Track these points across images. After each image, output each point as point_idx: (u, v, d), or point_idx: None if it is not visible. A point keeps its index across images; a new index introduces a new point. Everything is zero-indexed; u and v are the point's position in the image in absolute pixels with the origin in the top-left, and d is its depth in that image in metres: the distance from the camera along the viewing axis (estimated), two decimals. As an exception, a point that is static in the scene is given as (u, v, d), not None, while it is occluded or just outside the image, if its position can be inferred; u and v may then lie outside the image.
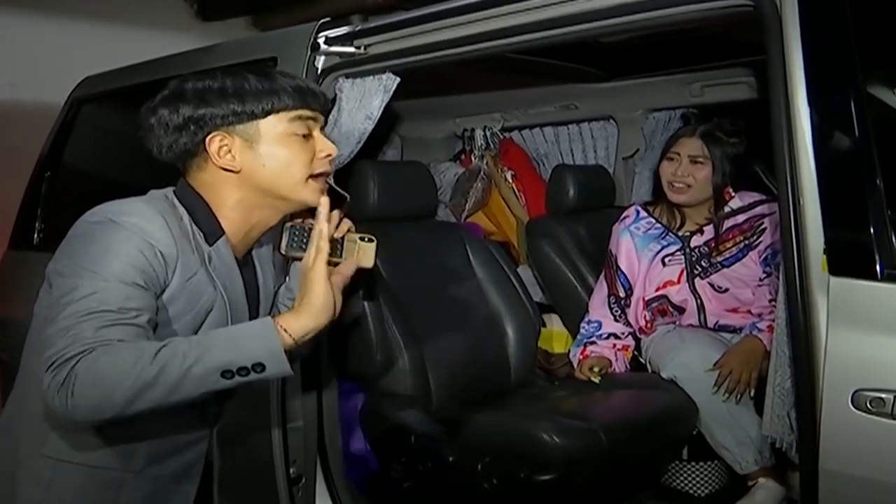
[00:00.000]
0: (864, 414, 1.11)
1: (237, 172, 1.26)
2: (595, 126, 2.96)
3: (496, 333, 2.36)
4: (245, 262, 1.35)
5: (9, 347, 2.40)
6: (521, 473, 1.85)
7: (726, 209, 2.29)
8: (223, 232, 1.28)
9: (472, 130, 3.12)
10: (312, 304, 1.17)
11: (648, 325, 2.34)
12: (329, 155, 1.31)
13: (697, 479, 2.20)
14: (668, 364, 2.16)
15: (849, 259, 1.13)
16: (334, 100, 1.82)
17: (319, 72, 1.80)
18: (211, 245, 1.27)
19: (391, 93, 1.79)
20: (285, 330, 1.14)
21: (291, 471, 1.86)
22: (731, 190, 2.29)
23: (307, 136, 1.29)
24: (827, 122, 1.17)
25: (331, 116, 1.84)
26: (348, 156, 1.87)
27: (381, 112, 1.81)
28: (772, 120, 1.19)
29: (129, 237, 1.15)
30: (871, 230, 1.11)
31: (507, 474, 1.86)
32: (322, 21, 1.80)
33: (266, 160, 1.26)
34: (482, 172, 2.96)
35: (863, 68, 1.14)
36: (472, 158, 3.08)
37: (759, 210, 2.28)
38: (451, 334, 2.25)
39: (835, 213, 1.14)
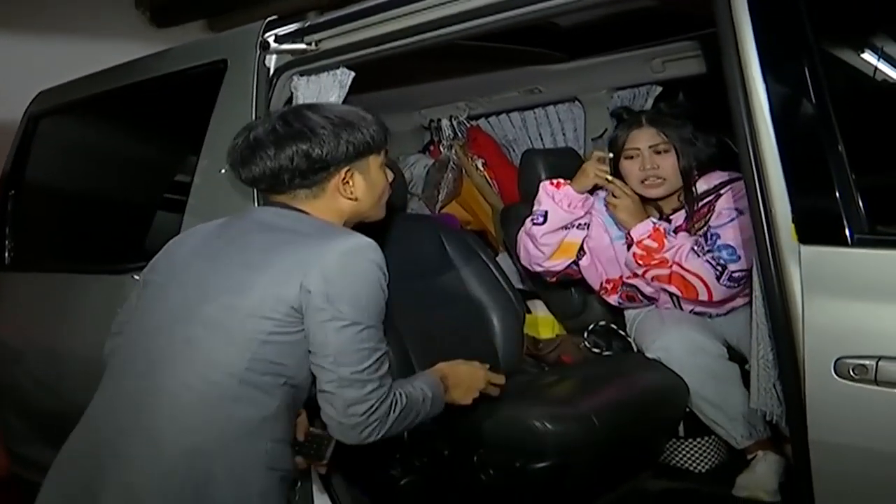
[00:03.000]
0: (847, 382, 1.10)
1: (355, 200, 1.47)
2: (561, 108, 2.93)
3: (480, 323, 2.32)
4: None
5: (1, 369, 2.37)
6: (517, 463, 1.83)
7: (700, 186, 2.22)
8: None
9: (439, 121, 3.09)
10: None
11: (618, 301, 2.31)
12: (395, 179, 1.61)
13: (696, 455, 2.20)
14: (650, 346, 2.16)
15: (818, 226, 1.11)
16: (290, 99, 1.77)
17: (272, 71, 1.75)
18: None
19: (347, 88, 1.76)
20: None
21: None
22: (696, 172, 2.19)
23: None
24: (783, 91, 1.16)
25: None
26: None
27: None
28: (728, 94, 1.16)
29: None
30: (838, 196, 1.09)
31: (503, 464, 1.85)
32: (269, 19, 1.76)
33: (374, 189, 1.51)
34: (451, 162, 2.93)
35: (816, 32, 1.11)
36: (441, 149, 3.04)
37: (725, 192, 2.18)
38: (433, 327, 2.21)
39: (799, 182, 1.13)
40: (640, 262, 2.12)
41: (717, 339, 2.13)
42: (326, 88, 1.74)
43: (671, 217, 2.22)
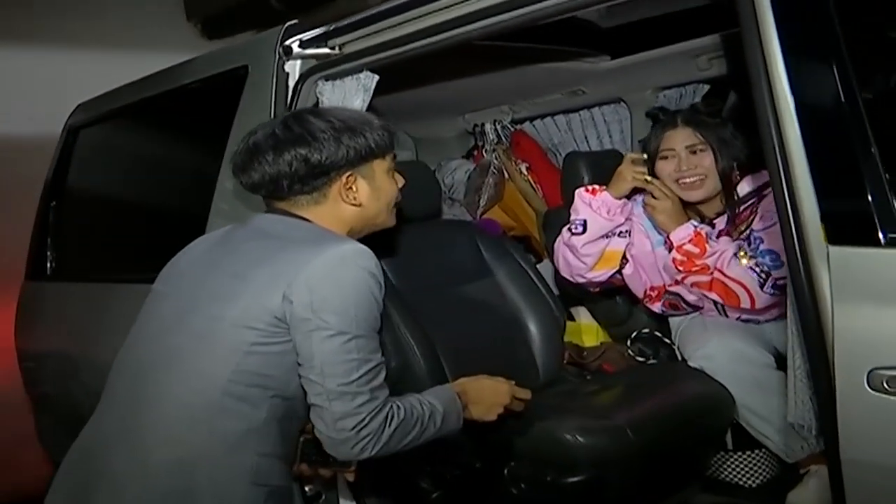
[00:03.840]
0: (881, 395, 1.01)
1: (360, 206, 1.44)
2: (606, 110, 2.86)
3: (518, 331, 2.27)
4: None
5: (49, 380, 2.44)
6: (548, 476, 1.77)
7: (741, 189, 2.10)
8: None
9: (483, 125, 3.05)
10: None
11: (661, 309, 2.22)
12: (405, 184, 1.57)
13: (746, 469, 2.09)
14: (693, 355, 2.07)
15: (847, 226, 1.03)
16: (316, 104, 1.77)
17: (297, 77, 1.75)
18: None
19: (371, 91, 1.74)
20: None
21: (308, 489, 1.82)
22: (737, 173, 2.08)
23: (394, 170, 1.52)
24: (809, 86, 1.07)
25: None
26: None
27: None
28: (752, 89, 1.09)
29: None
30: (868, 193, 1.01)
31: (534, 478, 1.79)
32: (288, 24, 1.76)
33: (380, 195, 1.47)
34: (492, 167, 2.88)
35: (843, 25, 1.03)
36: (484, 154, 3.00)
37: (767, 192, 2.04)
38: (468, 335, 2.17)
39: (827, 179, 1.05)
40: (680, 268, 2.03)
41: (764, 347, 2.02)
42: (351, 92, 1.74)
43: (714, 221, 2.12)
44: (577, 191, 2.17)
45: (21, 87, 3.28)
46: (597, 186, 2.15)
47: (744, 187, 2.08)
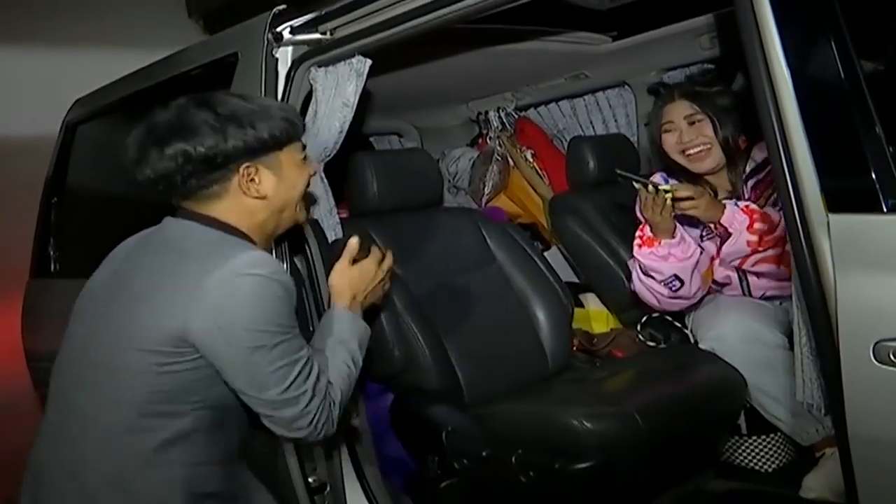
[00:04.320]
0: (889, 368, 0.96)
1: (264, 199, 1.36)
2: (611, 94, 2.82)
3: (525, 318, 2.24)
4: None
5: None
6: (556, 464, 1.74)
7: (750, 163, 2.10)
8: None
9: (486, 113, 3.02)
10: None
11: None
12: (315, 174, 1.51)
13: (761, 453, 2.06)
14: (705, 336, 2.03)
15: (848, 193, 0.99)
16: (310, 92, 1.74)
17: (289, 63, 1.73)
18: None
19: (364, 76, 1.72)
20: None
21: (311, 479, 1.80)
22: (745, 138, 2.09)
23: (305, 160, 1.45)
24: (803, 47, 1.02)
25: (309, 109, 1.79)
26: (333, 146, 1.81)
27: (357, 98, 1.73)
28: (744, 50, 1.04)
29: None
30: (869, 159, 0.97)
31: (542, 466, 1.76)
32: (276, 10, 1.73)
33: (288, 186, 1.39)
34: (496, 154, 2.85)
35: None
36: (488, 141, 2.97)
37: None
38: (473, 323, 2.15)
39: (825, 145, 1.01)
40: (758, 248, 1.98)
41: (778, 328, 1.97)
42: (343, 78, 1.71)
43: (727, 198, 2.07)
44: (636, 253, 2.08)
45: (22, 87, 3.30)
46: (648, 237, 2.05)
47: (759, 153, 2.07)
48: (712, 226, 2.05)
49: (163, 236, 1.38)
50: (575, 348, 2.40)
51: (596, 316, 2.57)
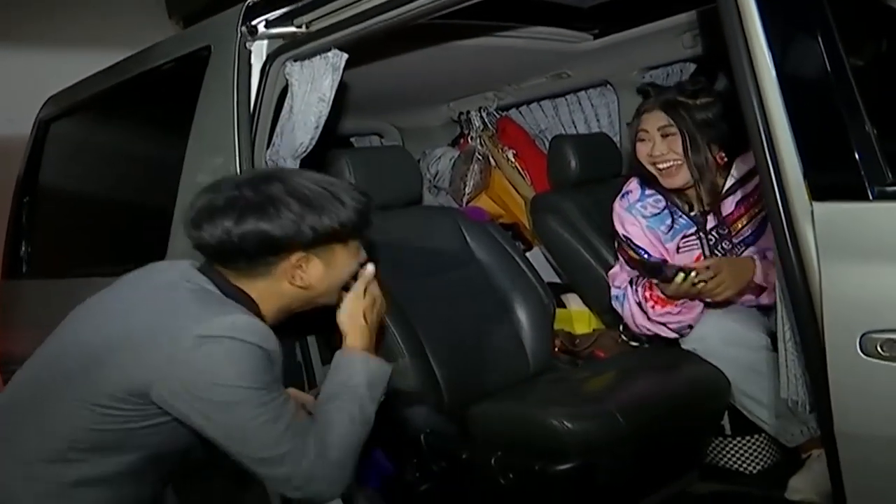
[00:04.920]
0: (876, 360, 0.93)
1: (306, 289, 1.29)
2: (593, 94, 2.80)
3: (506, 319, 2.21)
4: None
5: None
6: (537, 465, 1.71)
7: (729, 179, 2.05)
8: None
9: (468, 113, 2.99)
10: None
11: None
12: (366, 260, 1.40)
13: (745, 455, 2.02)
14: (687, 337, 1.99)
15: (832, 181, 0.95)
16: (285, 87, 1.70)
17: (265, 58, 1.69)
18: None
19: (340, 71, 1.68)
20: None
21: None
22: (723, 154, 2.02)
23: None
24: (784, 32, 0.99)
25: (285, 103, 1.75)
26: (309, 142, 1.78)
27: (333, 93, 1.69)
28: (725, 32, 1.02)
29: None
30: (853, 146, 0.93)
31: (522, 467, 1.72)
32: (250, 2, 1.68)
33: (332, 279, 1.31)
34: (476, 153, 2.82)
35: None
36: (470, 141, 2.93)
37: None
38: (453, 324, 2.11)
39: (808, 131, 0.97)
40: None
41: (761, 330, 1.95)
42: (319, 72, 1.68)
43: (710, 210, 2.07)
44: (652, 314, 2.03)
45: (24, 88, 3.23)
46: (662, 297, 1.98)
47: (741, 166, 2.03)
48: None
49: (169, 281, 1.29)
50: (557, 349, 2.37)
51: (578, 317, 2.54)
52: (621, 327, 2.32)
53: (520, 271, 2.26)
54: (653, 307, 2.00)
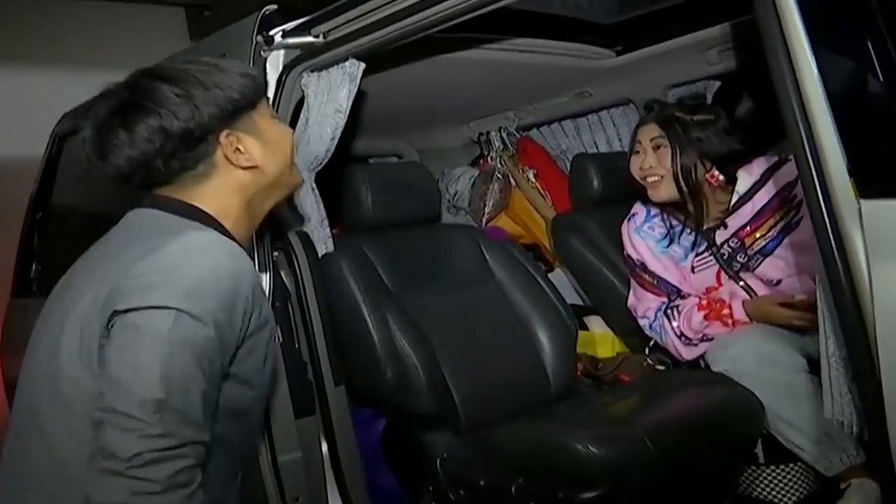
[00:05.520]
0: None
1: (256, 168, 1.21)
2: (615, 112, 2.74)
3: (526, 340, 2.13)
4: None
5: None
6: (560, 493, 1.61)
7: (734, 195, 2.01)
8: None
9: (488, 133, 2.94)
10: None
11: None
12: (293, 134, 1.34)
13: (780, 485, 1.91)
14: (717, 357, 1.92)
15: (882, 176, 0.88)
16: (302, 99, 1.67)
17: (281, 68, 1.65)
18: None
19: (357, 80, 1.64)
20: None
21: (293, 507, 1.67)
22: (716, 173, 2.00)
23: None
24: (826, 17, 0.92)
25: (301, 115, 1.72)
26: (325, 155, 1.74)
27: (350, 103, 1.65)
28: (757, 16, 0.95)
29: None
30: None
31: (545, 495, 1.63)
32: (264, 12, 1.65)
33: (275, 147, 1.24)
34: (497, 172, 2.77)
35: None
36: (489, 161, 2.89)
37: (781, 178, 1.98)
38: (471, 343, 2.05)
39: (853, 124, 0.89)
40: None
41: (797, 351, 1.86)
42: (336, 82, 1.64)
43: (720, 225, 2.03)
44: (701, 325, 2.03)
45: (23, 110, 3.24)
46: (732, 317, 2.00)
47: (744, 178, 2.01)
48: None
49: (117, 229, 1.22)
50: (579, 373, 2.29)
51: (601, 339, 2.46)
52: (647, 351, 2.24)
53: (540, 291, 2.19)
54: (706, 317, 1.99)
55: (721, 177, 2.00)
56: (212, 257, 1.07)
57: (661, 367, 2.19)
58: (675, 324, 2.05)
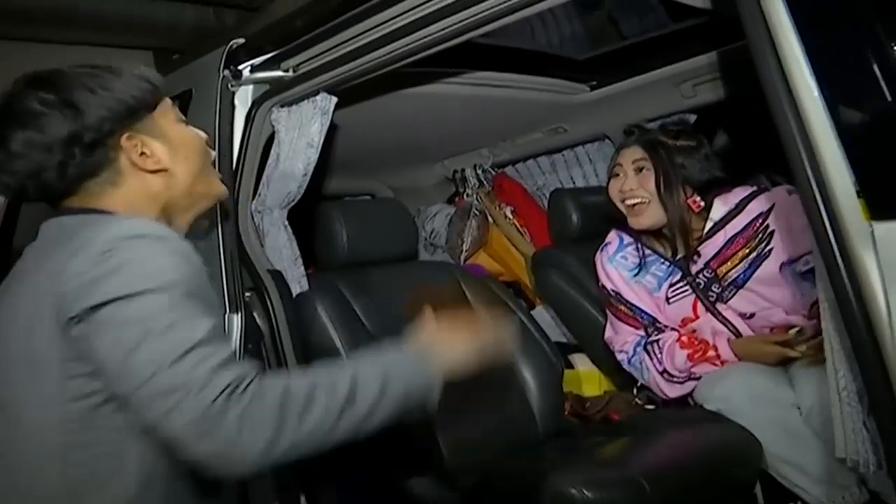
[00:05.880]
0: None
1: (165, 171, 1.15)
2: (591, 148, 2.72)
3: (512, 380, 2.06)
4: None
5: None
6: (554, 541, 1.52)
7: (708, 222, 1.97)
8: None
9: (463, 171, 2.90)
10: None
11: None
12: (208, 138, 1.25)
13: (781, 526, 1.83)
14: (709, 396, 1.85)
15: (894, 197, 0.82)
16: (272, 135, 1.60)
17: (251, 103, 1.59)
18: None
19: (329, 114, 1.58)
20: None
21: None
22: (697, 199, 1.95)
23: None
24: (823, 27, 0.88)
25: (272, 151, 1.64)
26: (297, 191, 1.67)
27: (322, 138, 1.59)
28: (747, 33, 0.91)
29: None
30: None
31: (538, 544, 1.54)
32: (230, 46, 1.58)
33: (184, 148, 1.17)
34: (474, 208, 2.71)
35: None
36: (465, 198, 2.83)
37: (755, 208, 1.94)
38: (454, 385, 1.94)
39: (862, 141, 0.84)
40: None
41: (786, 385, 1.80)
42: (307, 117, 1.58)
43: (693, 254, 1.98)
44: (687, 363, 1.96)
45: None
46: (716, 356, 1.94)
47: (719, 207, 1.97)
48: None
49: (32, 246, 1.12)
50: (567, 412, 2.21)
51: (587, 378, 2.39)
52: (635, 390, 2.17)
53: (523, 328, 2.12)
54: (690, 357, 1.93)
55: (702, 202, 1.96)
56: (148, 233, 1.02)
57: (650, 407, 2.11)
58: (655, 361, 1.98)
